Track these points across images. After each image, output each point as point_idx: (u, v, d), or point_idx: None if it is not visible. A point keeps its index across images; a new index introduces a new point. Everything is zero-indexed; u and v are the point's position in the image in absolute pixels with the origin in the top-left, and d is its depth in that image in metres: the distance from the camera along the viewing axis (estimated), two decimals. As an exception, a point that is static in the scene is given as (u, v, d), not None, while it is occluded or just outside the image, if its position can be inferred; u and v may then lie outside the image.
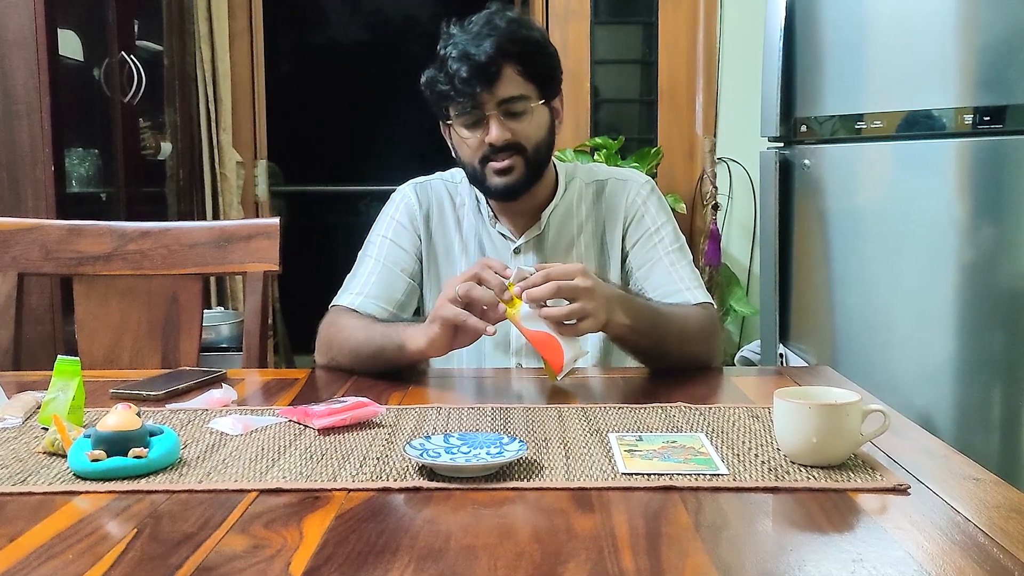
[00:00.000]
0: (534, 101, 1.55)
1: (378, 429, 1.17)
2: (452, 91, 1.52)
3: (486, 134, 1.52)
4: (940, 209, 2.07)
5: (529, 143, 1.55)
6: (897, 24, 2.18)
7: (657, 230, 1.65)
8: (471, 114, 1.53)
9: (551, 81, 1.59)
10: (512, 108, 1.53)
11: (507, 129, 1.52)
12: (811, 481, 0.96)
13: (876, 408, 1.04)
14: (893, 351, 2.18)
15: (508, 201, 1.62)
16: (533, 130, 1.56)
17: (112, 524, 0.88)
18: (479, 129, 1.54)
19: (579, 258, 1.65)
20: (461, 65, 1.49)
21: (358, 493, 0.94)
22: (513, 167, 1.55)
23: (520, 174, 1.56)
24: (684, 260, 1.64)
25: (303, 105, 4.46)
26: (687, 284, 1.60)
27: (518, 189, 1.58)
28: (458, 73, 1.49)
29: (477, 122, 1.54)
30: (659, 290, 1.59)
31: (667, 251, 1.64)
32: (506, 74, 1.51)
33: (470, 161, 1.58)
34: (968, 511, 0.88)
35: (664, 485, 0.95)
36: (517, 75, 1.52)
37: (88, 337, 1.78)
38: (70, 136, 2.72)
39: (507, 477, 0.97)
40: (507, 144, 1.53)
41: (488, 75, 1.49)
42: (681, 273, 1.62)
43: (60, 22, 2.57)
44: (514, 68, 1.52)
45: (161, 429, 1.05)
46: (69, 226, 1.81)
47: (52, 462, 1.05)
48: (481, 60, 1.48)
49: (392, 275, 1.64)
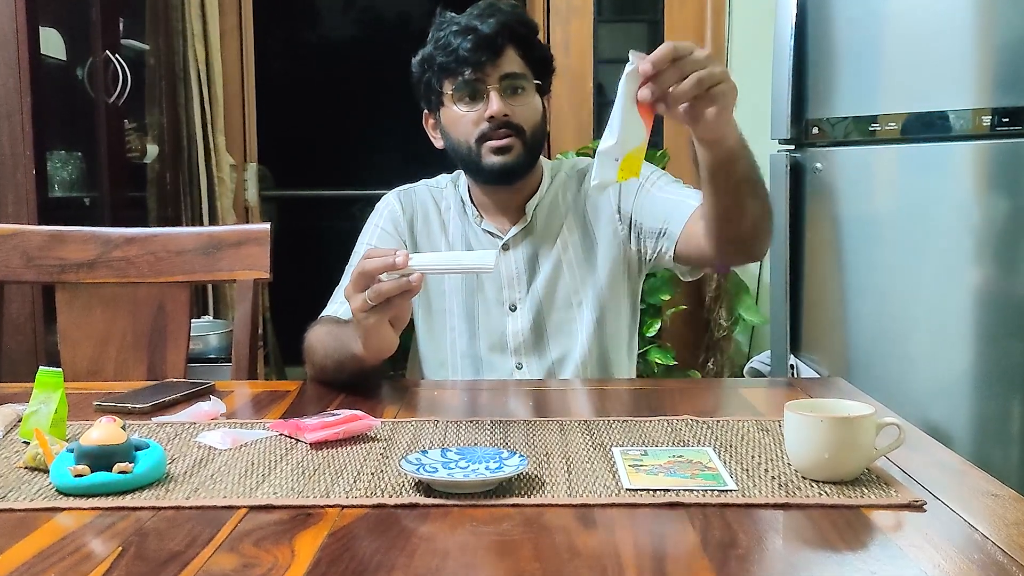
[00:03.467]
0: (531, 84, 1.62)
1: (373, 443, 1.17)
2: (454, 62, 1.57)
3: (486, 109, 1.58)
4: (957, 214, 2.08)
5: (527, 124, 1.61)
6: (913, 22, 2.19)
7: (648, 177, 1.67)
8: (471, 87, 1.59)
9: (547, 72, 1.67)
10: (513, 84, 1.60)
11: (507, 105, 1.58)
12: (823, 497, 0.96)
13: (891, 421, 1.05)
14: (908, 362, 2.18)
15: (502, 184, 1.65)
16: (531, 112, 1.62)
17: (96, 542, 0.88)
18: (478, 104, 1.59)
19: (564, 246, 1.69)
20: (465, 37, 1.56)
21: (352, 510, 0.95)
22: (511, 147, 1.59)
23: (518, 155, 1.60)
24: (688, 187, 1.64)
25: (294, 106, 4.47)
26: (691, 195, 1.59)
27: (515, 170, 1.62)
28: (461, 45, 1.56)
29: (476, 97, 1.60)
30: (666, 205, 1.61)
31: (669, 185, 1.66)
32: (509, 52, 1.59)
33: (465, 140, 1.61)
34: (986, 528, 0.89)
35: (670, 501, 0.95)
36: (519, 56, 1.60)
37: (71, 347, 1.78)
38: (52, 138, 2.72)
39: (507, 493, 0.98)
40: (506, 122, 1.58)
41: (493, 47, 1.57)
42: (688, 191, 1.62)
43: (42, 20, 2.58)
44: (516, 49, 1.61)
45: (147, 443, 1.05)
46: (51, 232, 1.82)
47: (34, 477, 1.06)
48: (487, 32, 1.56)
49: None
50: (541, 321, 1.67)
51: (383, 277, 1.24)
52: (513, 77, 1.59)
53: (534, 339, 1.66)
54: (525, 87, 1.61)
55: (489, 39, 1.56)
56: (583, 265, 1.69)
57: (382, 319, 1.28)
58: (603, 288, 1.68)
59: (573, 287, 1.67)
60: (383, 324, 1.28)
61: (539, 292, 1.67)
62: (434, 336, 1.69)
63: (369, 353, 1.33)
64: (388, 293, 1.24)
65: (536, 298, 1.67)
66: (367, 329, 1.29)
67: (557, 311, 1.67)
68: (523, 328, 1.66)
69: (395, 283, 1.24)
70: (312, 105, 4.56)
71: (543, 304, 1.67)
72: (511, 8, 1.63)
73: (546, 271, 1.68)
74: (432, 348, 1.70)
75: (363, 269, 1.25)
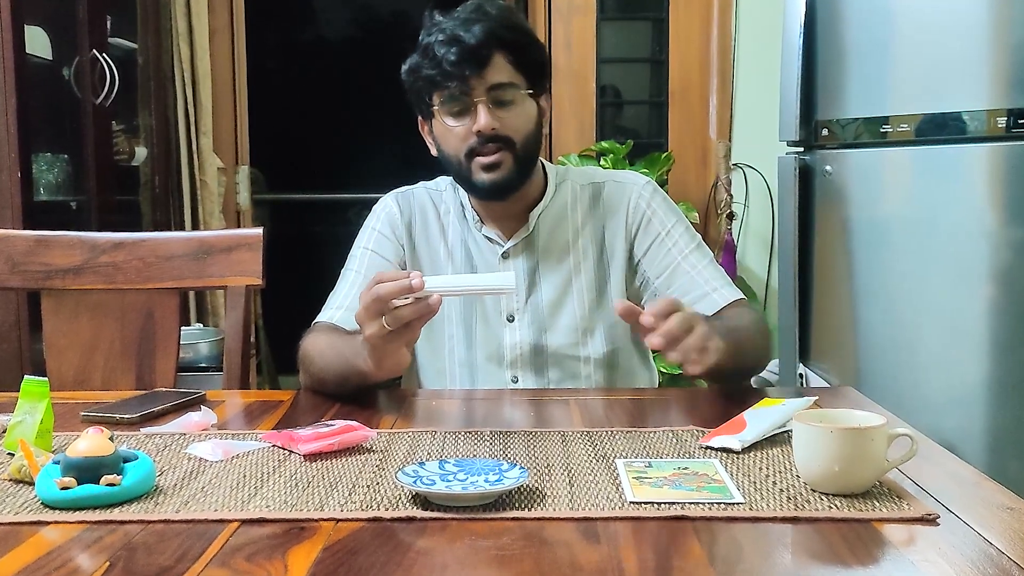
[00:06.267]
0: (523, 91, 1.58)
1: (368, 455, 1.17)
2: (439, 75, 1.54)
3: (473, 123, 1.54)
4: (971, 218, 2.08)
5: (518, 135, 1.57)
6: (925, 20, 2.19)
7: (669, 232, 1.66)
8: (458, 100, 1.55)
9: (541, 75, 1.63)
10: (501, 96, 1.56)
11: (495, 118, 1.54)
12: (833, 510, 0.96)
13: (903, 432, 1.05)
14: (921, 371, 2.18)
15: (495, 200, 1.64)
16: (522, 122, 1.58)
17: (83, 557, 0.88)
18: (466, 118, 1.56)
19: (576, 265, 1.66)
20: (449, 48, 1.52)
21: (347, 523, 0.95)
22: (501, 162, 1.56)
23: (508, 170, 1.57)
24: (705, 259, 1.65)
25: (287, 107, 4.48)
26: (714, 285, 1.61)
27: (506, 187, 1.60)
28: (445, 57, 1.52)
29: (464, 110, 1.56)
30: (685, 297, 1.58)
31: (684, 253, 1.64)
32: (496, 61, 1.54)
33: (455, 154, 1.59)
34: (1001, 542, 0.89)
35: (675, 515, 0.95)
36: (507, 63, 1.56)
37: (57, 356, 1.78)
38: (38, 140, 2.73)
39: (507, 506, 0.98)
40: (495, 136, 1.55)
41: (479, 58, 1.52)
42: (705, 274, 1.63)
43: (27, 18, 2.59)
44: (504, 56, 1.55)
45: (135, 455, 1.05)
46: (37, 237, 1.82)
47: (18, 490, 1.05)
48: (471, 43, 1.52)
49: None
50: (541, 341, 1.65)
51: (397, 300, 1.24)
52: (501, 88, 1.55)
53: (532, 356, 1.65)
54: (515, 96, 1.57)
55: (473, 50, 1.51)
56: (593, 294, 1.66)
57: (400, 343, 1.29)
58: (615, 323, 1.65)
59: (581, 314, 1.65)
60: (400, 347, 1.30)
61: (542, 310, 1.66)
62: (432, 343, 1.68)
63: (382, 372, 1.34)
64: (408, 319, 1.24)
65: (538, 314, 1.65)
66: (383, 352, 1.30)
67: (560, 334, 1.65)
68: (521, 342, 1.65)
69: (415, 308, 1.24)
70: (306, 106, 4.57)
71: (546, 323, 1.65)
72: (498, 11, 1.58)
73: (550, 290, 1.66)
74: (430, 355, 1.70)
75: (377, 295, 1.24)
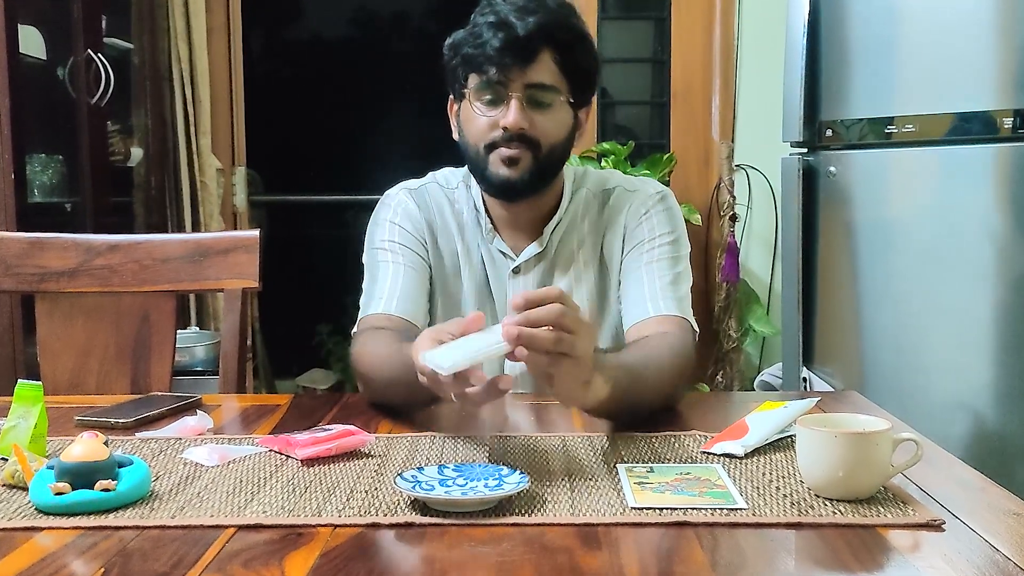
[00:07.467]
0: (563, 97, 1.50)
1: (366, 460, 1.17)
2: (480, 58, 1.47)
3: (503, 116, 1.48)
4: (978, 220, 2.08)
5: (546, 140, 1.49)
6: (931, 19, 2.19)
7: (651, 240, 1.57)
8: (492, 89, 1.48)
9: (586, 85, 1.54)
10: (539, 96, 1.48)
11: (527, 118, 1.47)
12: (837, 516, 0.97)
13: (908, 437, 1.05)
14: (926, 375, 2.18)
15: (505, 200, 1.57)
16: (553, 128, 1.50)
17: (77, 563, 0.88)
18: (496, 109, 1.48)
19: (577, 277, 1.60)
20: (496, 33, 1.45)
21: (345, 529, 0.95)
22: (520, 159, 1.48)
23: (526, 170, 1.49)
24: (670, 274, 1.55)
25: (284, 108, 4.47)
26: (658, 295, 1.52)
27: (520, 188, 1.52)
28: (490, 41, 1.45)
29: (496, 101, 1.49)
30: (624, 301, 1.55)
31: (652, 261, 1.56)
32: (542, 58, 1.47)
33: (475, 144, 1.52)
34: (1007, 549, 0.89)
35: (677, 520, 0.95)
36: (553, 64, 1.48)
37: (51, 359, 1.78)
38: (32, 141, 2.73)
39: (507, 512, 0.98)
40: (521, 135, 1.47)
41: (525, 52, 1.45)
42: (658, 284, 1.53)
43: (21, 17, 2.59)
44: (552, 55, 1.47)
45: (131, 460, 1.06)
46: (31, 239, 1.82)
47: (12, 495, 1.06)
48: (520, 34, 1.44)
49: (415, 275, 1.58)
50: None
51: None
52: (541, 88, 1.47)
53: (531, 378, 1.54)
54: (553, 101, 1.49)
55: (521, 41, 1.43)
56: (595, 302, 1.60)
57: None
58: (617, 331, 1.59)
59: None
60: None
61: None
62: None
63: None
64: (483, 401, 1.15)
65: None
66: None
67: None
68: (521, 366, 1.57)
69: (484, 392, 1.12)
70: (303, 107, 4.57)
71: None
72: (558, 6, 1.49)
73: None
74: None
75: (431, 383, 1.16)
